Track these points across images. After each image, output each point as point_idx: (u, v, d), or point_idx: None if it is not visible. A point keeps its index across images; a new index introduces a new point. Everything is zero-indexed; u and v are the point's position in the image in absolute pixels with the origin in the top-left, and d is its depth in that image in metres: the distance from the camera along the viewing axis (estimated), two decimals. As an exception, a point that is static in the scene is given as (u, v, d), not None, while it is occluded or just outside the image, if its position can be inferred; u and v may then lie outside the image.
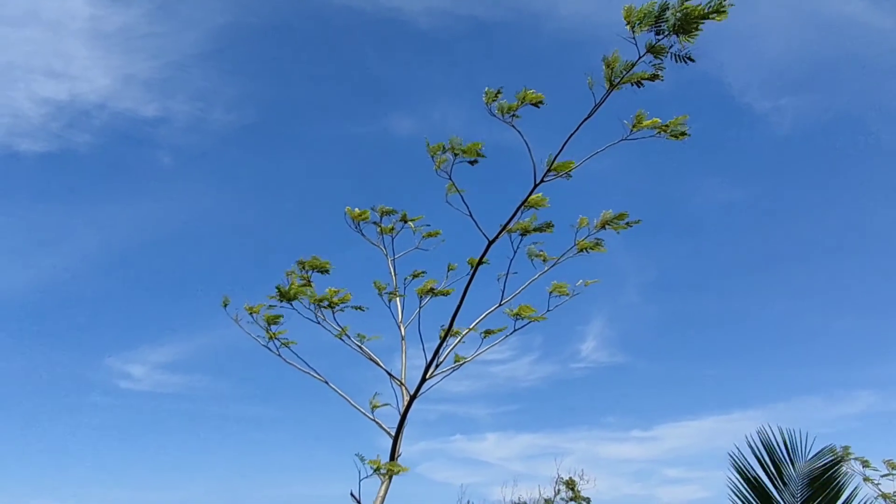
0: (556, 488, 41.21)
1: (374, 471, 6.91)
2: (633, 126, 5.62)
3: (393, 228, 8.35)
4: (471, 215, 6.36)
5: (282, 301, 7.43)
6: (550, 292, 7.30)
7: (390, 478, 7.92)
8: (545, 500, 41.84)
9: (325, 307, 7.53)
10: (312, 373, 7.93)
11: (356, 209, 8.19)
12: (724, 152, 32.97)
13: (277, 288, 7.32)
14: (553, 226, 7.14)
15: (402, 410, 7.83)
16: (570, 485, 39.70)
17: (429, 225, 8.16)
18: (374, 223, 8.26)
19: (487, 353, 7.63)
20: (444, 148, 6.33)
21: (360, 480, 7.94)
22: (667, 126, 5.61)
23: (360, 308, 7.72)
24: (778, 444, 7.07)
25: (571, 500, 39.81)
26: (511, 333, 7.45)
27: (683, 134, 5.62)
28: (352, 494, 8.01)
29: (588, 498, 38.96)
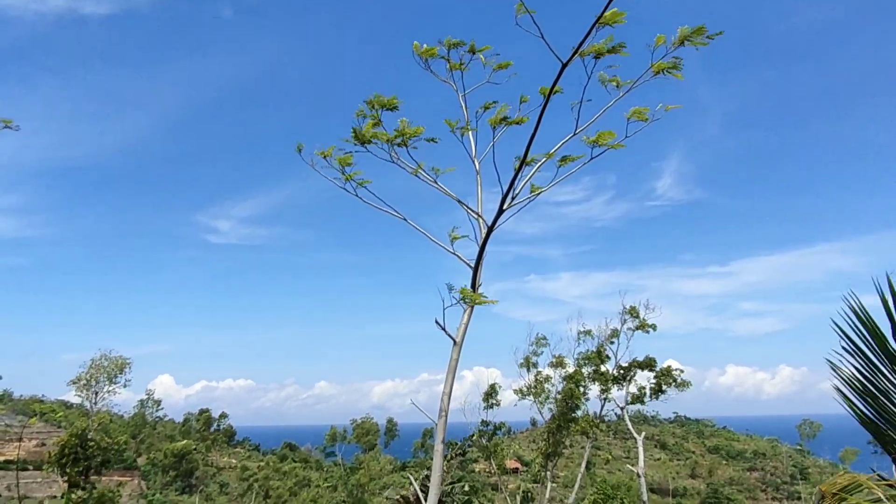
0: (623, 318, 42.60)
1: (461, 299, 7.26)
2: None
3: (462, 63, 8.14)
4: (542, 37, 6.12)
5: (356, 144, 7.49)
6: (629, 118, 7.08)
7: (472, 307, 8.31)
8: (612, 330, 43.41)
9: (398, 144, 7.57)
10: (391, 211, 8.16)
11: (424, 45, 7.98)
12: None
13: (354, 130, 7.37)
14: (626, 45, 6.79)
15: (480, 242, 8.06)
16: (633, 312, 40.93)
17: (498, 55, 7.90)
18: (443, 58, 8.05)
19: (561, 194, 7.66)
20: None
21: (443, 309, 8.37)
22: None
23: (432, 140, 7.72)
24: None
25: (637, 327, 41.19)
26: (588, 161, 7.38)
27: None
28: (437, 322, 8.48)
29: (654, 325, 40.22)
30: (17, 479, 77.05)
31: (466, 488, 20.29)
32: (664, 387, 41.95)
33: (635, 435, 41.85)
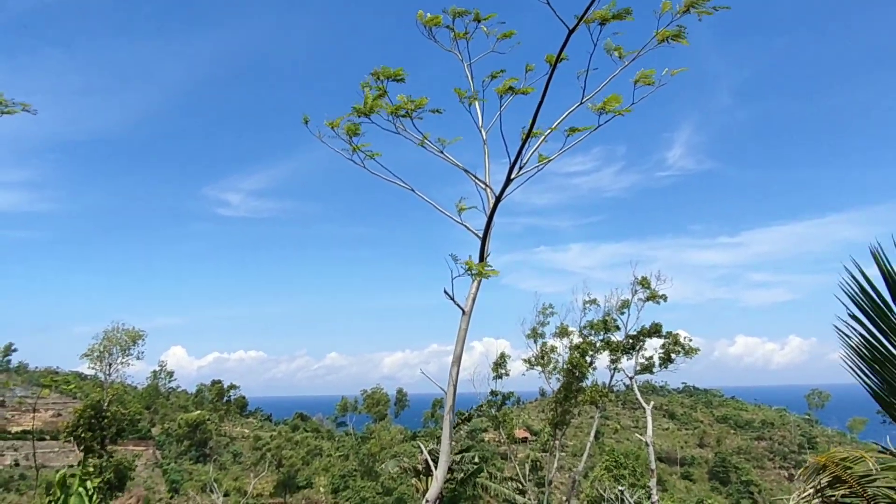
0: (633, 289, 42.62)
1: (467, 271, 7.30)
2: None
3: (467, 33, 8.08)
4: (548, 2, 6.07)
5: (360, 116, 7.49)
6: (635, 82, 7.03)
7: (480, 278, 8.36)
8: (622, 301, 43.47)
9: (403, 116, 7.56)
10: (398, 182, 8.17)
11: (427, 14, 7.92)
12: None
13: (354, 108, 7.38)
14: (631, 11, 6.73)
15: (488, 213, 8.07)
16: (645, 283, 40.92)
17: (503, 23, 7.84)
18: (448, 27, 7.99)
19: (571, 164, 7.60)
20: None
21: (452, 279, 8.43)
22: None
23: (437, 111, 7.70)
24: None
25: (648, 298, 41.21)
26: (595, 129, 7.35)
27: None
28: (445, 292, 8.54)
29: (664, 295, 40.23)
30: (33, 448, 78.56)
31: (476, 458, 20.57)
32: (672, 355, 42.02)
33: (644, 404, 42.06)
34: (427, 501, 8.98)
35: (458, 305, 8.41)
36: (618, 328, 43.88)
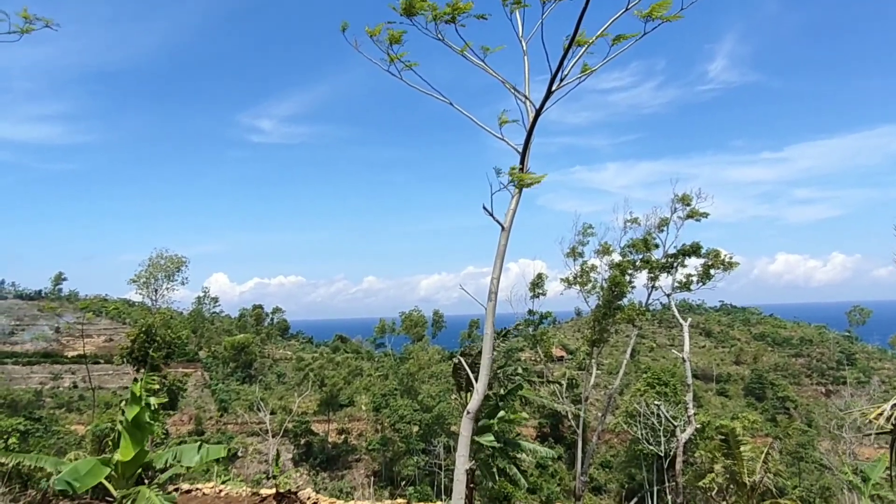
0: (673, 207, 41.98)
1: (510, 181, 7.21)
2: None
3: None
4: None
5: (403, 16, 7.23)
6: (685, -17, 6.66)
7: (520, 191, 8.26)
8: (661, 219, 42.94)
9: (447, 21, 7.30)
10: (437, 95, 7.99)
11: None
12: None
13: (393, 7, 7.11)
14: None
15: (528, 126, 7.90)
16: (685, 200, 40.19)
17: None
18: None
19: (609, 80, 7.38)
20: None
21: (491, 195, 8.36)
22: None
23: (482, 17, 7.40)
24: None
25: (688, 216, 40.58)
26: (642, 36, 7.02)
27: None
28: (484, 208, 8.49)
29: (706, 213, 39.55)
30: (88, 371, 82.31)
31: (519, 370, 20.98)
32: (712, 271, 41.60)
33: (681, 320, 42.03)
34: (468, 413, 9.21)
35: (498, 221, 8.36)
36: (656, 246, 43.53)
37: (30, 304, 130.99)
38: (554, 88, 7.21)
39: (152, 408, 10.39)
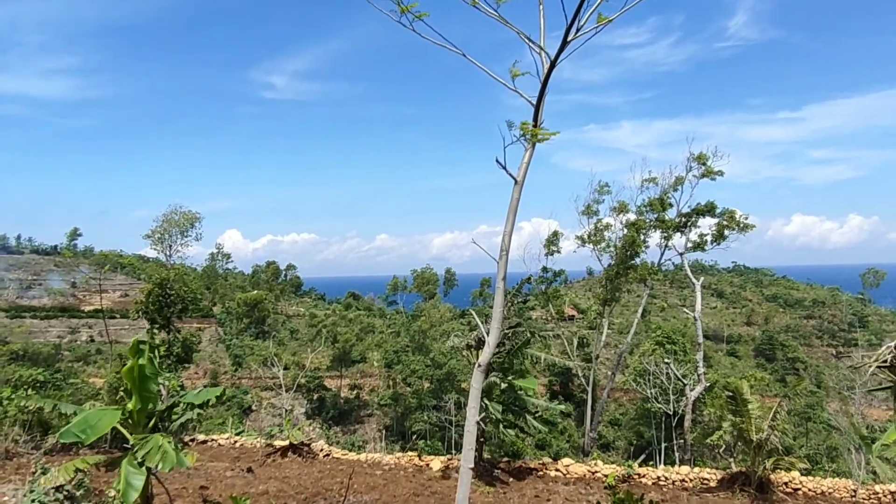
0: (688, 165, 41.51)
1: (522, 135, 7.11)
2: None
3: None
4: None
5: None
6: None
7: (534, 145, 8.16)
8: (676, 178, 42.52)
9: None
10: (449, 46, 7.84)
11: None
12: None
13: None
14: None
15: (542, 78, 7.76)
16: (702, 159, 39.70)
17: None
18: None
19: (625, 36, 7.21)
20: None
21: (504, 148, 8.26)
22: None
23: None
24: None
25: (704, 175, 40.13)
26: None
27: None
28: (497, 161, 8.40)
29: (721, 171, 39.08)
30: (105, 325, 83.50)
31: (528, 332, 21.08)
32: (726, 232, 41.26)
33: (693, 280, 41.89)
34: (479, 366, 9.27)
35: (511, 175, 8.28)
36: (671, 205, 43.15)
37: (46, 260, 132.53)
38: (570, 38, 7.05)
39: (155, 359, 10.50)
